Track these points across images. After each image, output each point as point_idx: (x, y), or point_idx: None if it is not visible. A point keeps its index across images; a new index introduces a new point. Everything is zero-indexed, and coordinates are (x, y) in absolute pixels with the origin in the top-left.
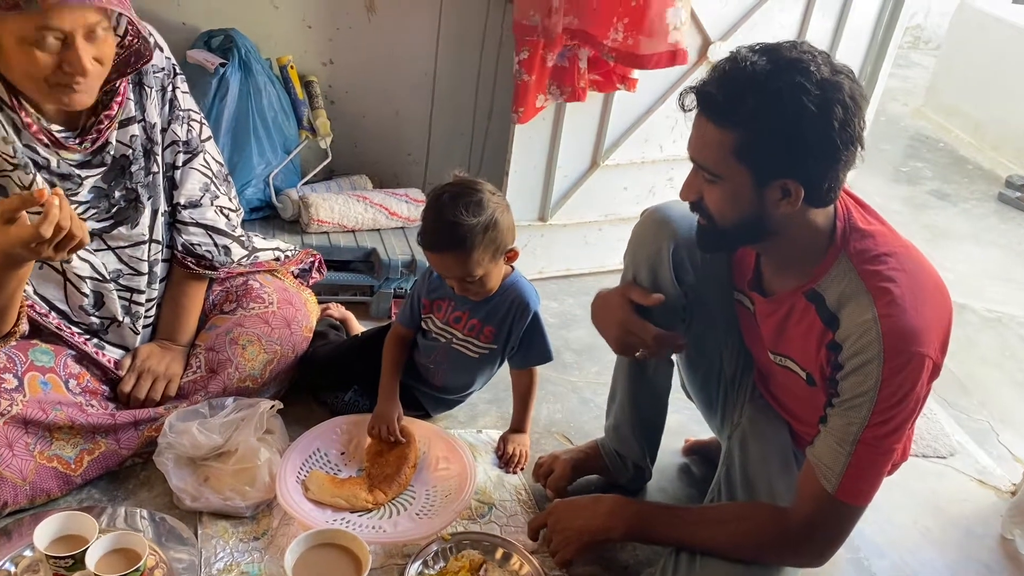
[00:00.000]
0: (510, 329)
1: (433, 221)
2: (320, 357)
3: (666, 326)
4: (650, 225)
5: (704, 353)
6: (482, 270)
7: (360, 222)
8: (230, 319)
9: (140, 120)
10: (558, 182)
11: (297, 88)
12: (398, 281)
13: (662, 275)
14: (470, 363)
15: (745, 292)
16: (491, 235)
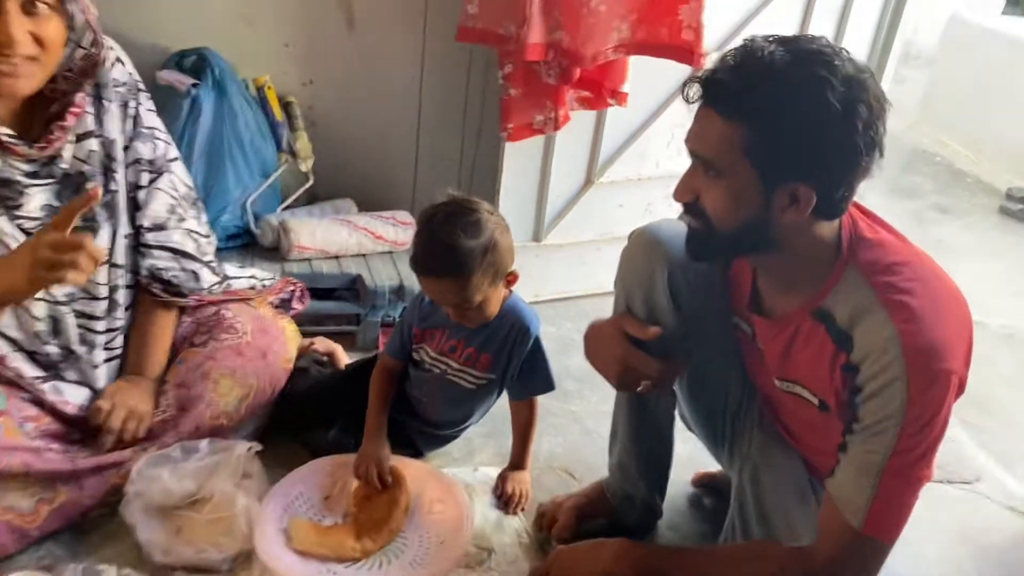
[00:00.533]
0: (509, 356)
1: (427, 244)
2: (301, 392)
3: (665, 356)
4: (640, 248)
5: (707, 384)
6: (481, 295)
7: (344, 247)
8: (201, 352)
9: (98, 135)
10: (552, 201)
11: (275, 109)
12: (386, 309)
13: (657, 302)
14: (466, 395)
15: (743, 316)
16: (490, 258)
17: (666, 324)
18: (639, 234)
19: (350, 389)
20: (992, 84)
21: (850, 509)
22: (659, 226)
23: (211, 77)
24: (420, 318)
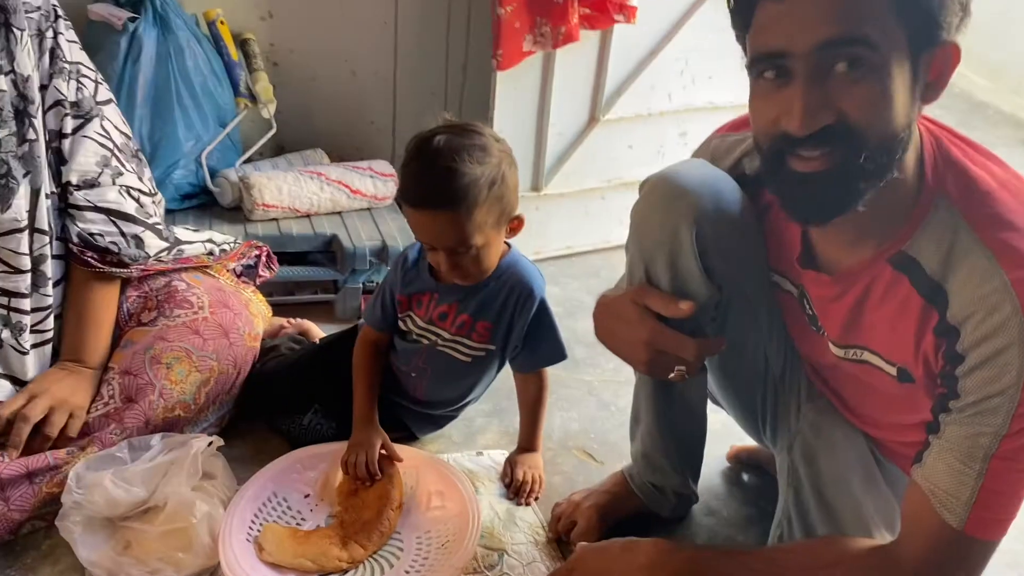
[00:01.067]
0: (511, 322)
1: (422, 170)
2: (271, 371)
3: (693, 331)
4: (659, 201)
5: (744, 355)
6: (482, 238)
7: (316, 204)
8: (150, 332)
9: (8, 72)
10: (552, 143)
11: (231, 48)
12: (367, 273)
13: (685, 266)
14: (462, 369)
15: (788, 273)
16: (497, 191)
17: (697, 294)
18: (656, 183)
19: (327, 365)
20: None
21: (948, 504)
22: (679, 171)
23: (152, 10)
24: (403, 282)
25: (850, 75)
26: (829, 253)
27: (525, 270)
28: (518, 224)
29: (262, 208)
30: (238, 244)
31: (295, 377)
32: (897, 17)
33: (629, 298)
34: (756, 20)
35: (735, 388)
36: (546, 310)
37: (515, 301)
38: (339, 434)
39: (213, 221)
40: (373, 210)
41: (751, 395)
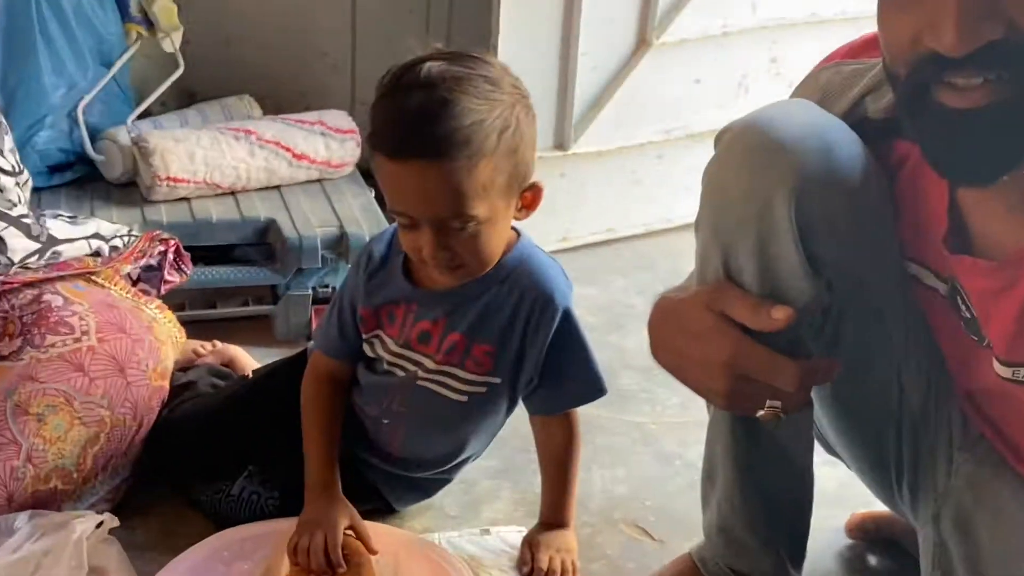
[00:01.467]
0: (522, 345)
1: (406, 103)
2: (185, 419)
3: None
4: (744, 162)
5: (868, 382)
6: (486, 208)
7: (244, 177)
8: (12, 370)
9: None
10: (583, 80)
11: None
12: (319, 275)
13: (780, 254)
14: (455, 412)
15: (930, 264)
16: (510, 141)
17: (797, 293)
18: (739, 135)
19: (264, 410)
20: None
21: None
22: (772, 117)
23: None
24: (368, 289)
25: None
26: (990, 230)
27: (541, 268)
28: (533, 197)
29: (167, 184)
30: (135, 238)
31: (219, 427)
32: None
33: (701, 302)
34: None
35: (856, 430)
36: (573, 325)
37: (528, 313)
38: (284, 508)
39: (95, 204)
40: (326, 183)
41: (879, 440)
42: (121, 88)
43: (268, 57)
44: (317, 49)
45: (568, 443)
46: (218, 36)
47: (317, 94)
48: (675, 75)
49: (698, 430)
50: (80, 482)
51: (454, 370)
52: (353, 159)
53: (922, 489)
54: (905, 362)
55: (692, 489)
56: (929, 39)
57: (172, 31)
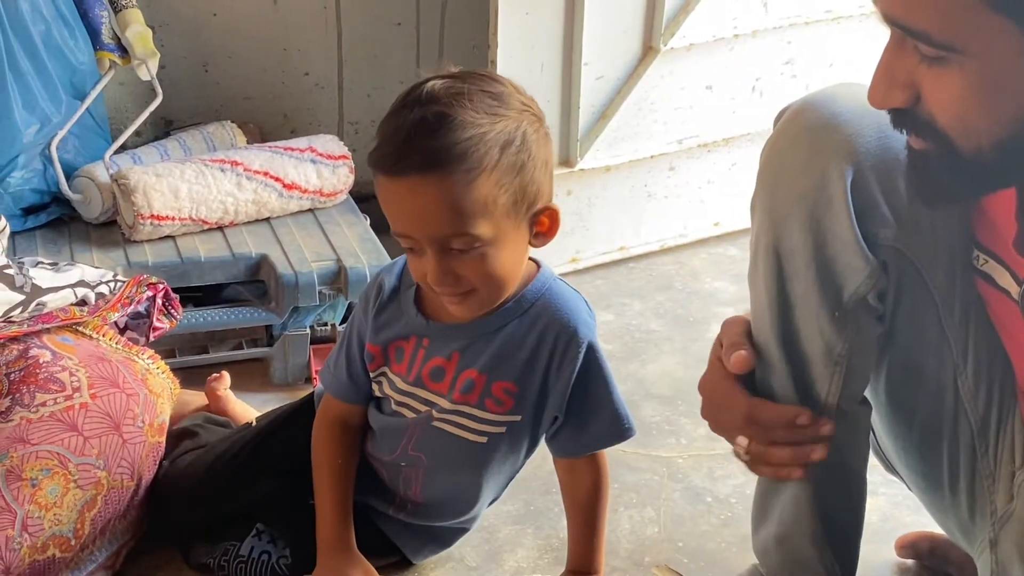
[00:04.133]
0: (544, 381)
1: (404, 120)
2: (185, 476)
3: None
4: (801, 136)
5: (922, 383)
6: (491, 227)
7: (232, 211)
8: (1, 433)
9: None
10: (587, 91)
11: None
12: (317, 312)
13: (836, 230)
14: (471, 454)
15: (1002, 258)
16: (514, 156)
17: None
18: (798, 111)
19: (270, 462)
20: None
21: None
22: (833, 95)
23: None
24: (376, 325)
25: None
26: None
27: (564, 300)
28: (550, 221)
29: (150, 222)
30: (121, 283)
31: (223, 482)
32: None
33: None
34: None
35: (911, 438)
36: (598, 361)
37: (551, 348)
38: (296, 566)
39: (75, 247)
40: (319, 212)
41: (935, 452)
42: (96, 121)
43: (248, 79)
44: (299, 68)
45: (596, 486)
46: (195, 60)
47: (302, 116)
48: (685, 82)
49: (727, 463)
50: (78, 549)
51: (472, 410)
52: (346, 186)
53: (979, 510)
54: (963, 366)
55: (726, 527)
56: None
57: (148, 58)
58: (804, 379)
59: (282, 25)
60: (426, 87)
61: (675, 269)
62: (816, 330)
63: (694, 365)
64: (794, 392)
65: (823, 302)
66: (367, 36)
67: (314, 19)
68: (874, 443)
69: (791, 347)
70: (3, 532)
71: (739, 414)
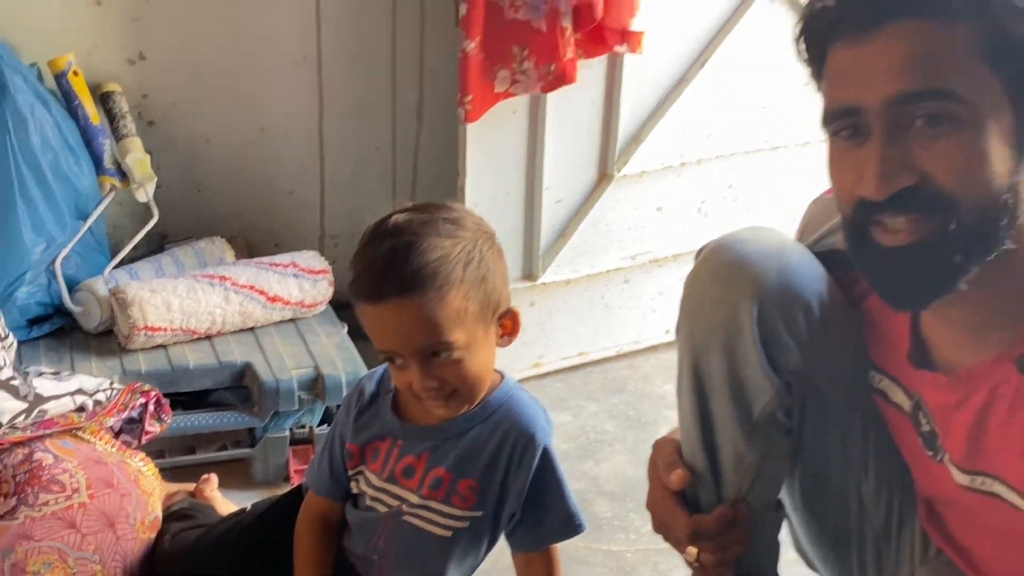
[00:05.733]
0: (504, 481)
1: (378, 250)
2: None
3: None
4: (714, 277)
5: (829, 489)
6: (464, 333)
7: (220, 322)
8: (9, 530)
9: None
10: (548, 212)
11: (88, 106)
12: (296, 416)
13: (745, 360)
14: (436, 547)
15: (896, 377)
16: (476, 270)
17: (759, 393)
18: (712, 250)
19: (254, 553)
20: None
21: None
22: (741, 237)
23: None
24: (356, 427)
25: (931, 132)
26: (945, 348)
27: (524, 408)
28: (512, 323)
29: (144, 333)
30: (116, 390)
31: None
32: (989, 63)
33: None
34: (828, 69)
35: (824, 540)
36: (551, 464)
37: (511, 451)
38: None
39: (75, 354)
40: (300, 322)
41: (844, 552)
42: (96, 239)
43: (237, 199)
44: (284, 188)
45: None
46: (189, 182)
47: (288, 234)
48: (637, 204)
49: (673, 556)
50: None
51: (439, 505)
52: (326, 298)
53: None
54: (865, 477)
55: None
56: (859, 189)
57: (146, 181)
58: (722, 486)
59: (269, 150)
60: (391, 221)
61: (629, 373)
62: (731, 441)
63: (643, 464)
64: (716, 499)
65: (736, 416)
66: (347, 160)
67: (298, 145)
68: (796, 543)
69: (712, 455)
70: None
71: (684, 529)
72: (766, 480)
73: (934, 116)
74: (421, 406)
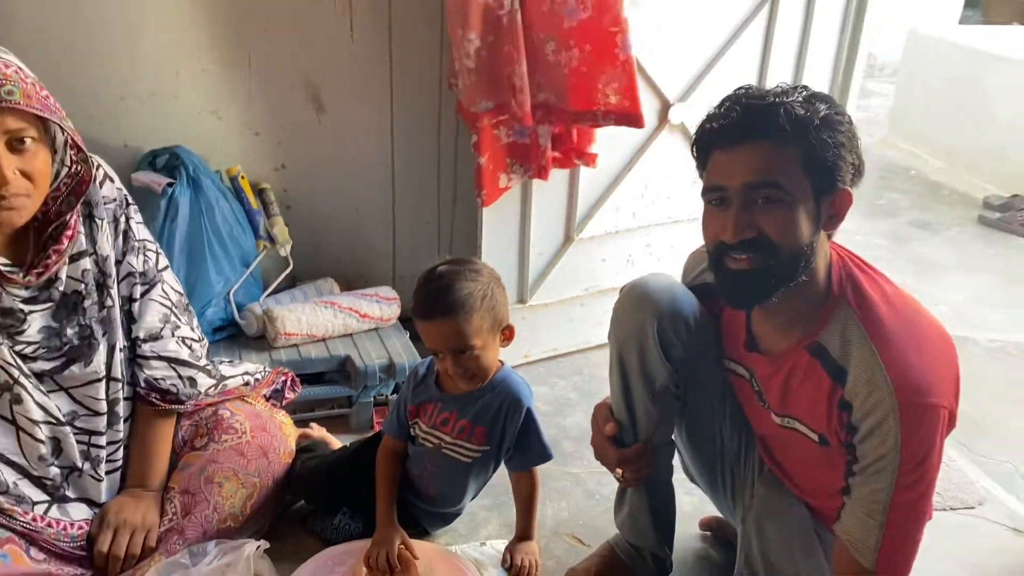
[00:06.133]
0: (503, 428)
1: (428, 288)
2: (307, 474)
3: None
4: (630, 303)
5: (703, 432)
6: (480, 341)
7: (330, 329)
8: (203, 456)
9: (91, 253)
10: (534, 261)
11: (250, 198)
12: (377, 388)
13: (649, 353)
14: (462, 468)
15: (740, 358)
16: (489, 302)
17: (659, 374)
18: (628, 289)
19: (352, 472)
20: (958, 94)
21: (861, 551)
22: (647, 281)
23: (185, 174)
24: (413, 394)
25: (767, 206)
26: (766, 339)
27: (515, 383)
28: (510, 333)
29: (284, 336)
30: (267, 372)
31: (325, 484)
32: (804, 170)
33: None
34: (709, 165)
35: (701, 464)
36: (532, 418)
37: (507, 409)
38: (365, 532)
39: (242, 350)
40: (380, 330)
41: (712, 471)
42: (254, 278)
43: (342, 254)
44: (371, 247)
45: (531, 489)
46: (312, 244)
47: (372, 275)
48: (590, 257)
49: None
50: (243, 522)
51: (463, 443)
52: (395, 316)
53: (737, 503)
54: (723, 422)
55: (607, 513)
56: (721, 235)
57: (285, 244)
58: (637, 431)
59: (361, 223)
60: (436, 269)
61: (584, 362)
62: (642, 404)
63: None
64: (633, 439)
65: (645, 389)
66: (409, 230)
67: (379, 220)
68: (683, 466)
69: (631, 413)
70: (203, 511)
71: (614, 458)
72: (664, 427)
73: (768, 197)
74: (452, 383)
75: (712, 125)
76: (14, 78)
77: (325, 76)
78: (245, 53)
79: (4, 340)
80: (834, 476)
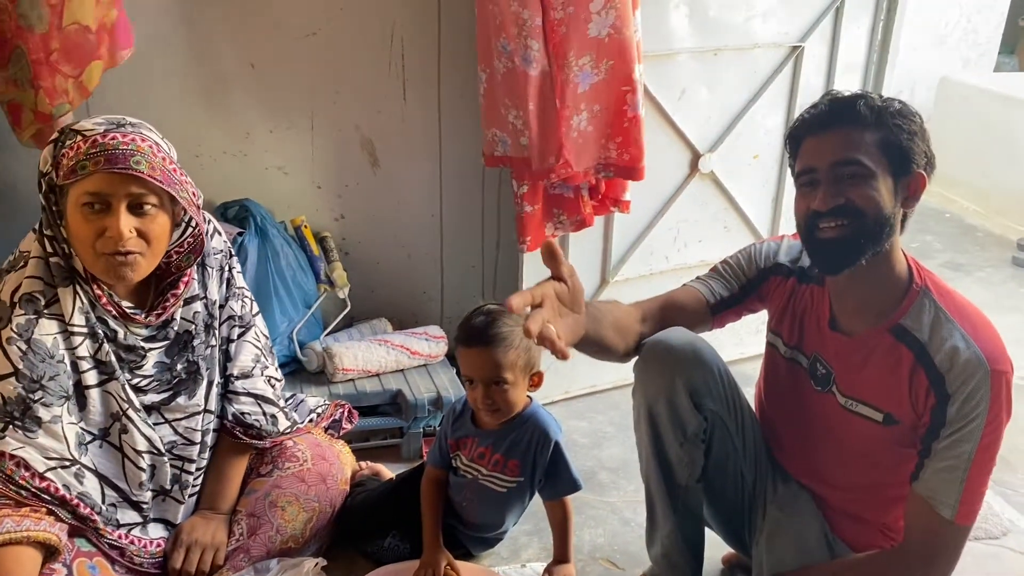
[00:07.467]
0: (534, 461)
1: (475, 320)
2: (357, 506)
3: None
4: (654, 359)
5: (727, 473)
6: (512, 376)
7: (383, 365)
8: (267, 481)
9: (203, 298)
10: None
11: (312, 245)
12: (426, 419)
13: (680, 403)
14: (499, 498)
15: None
16: (526, 343)
17: (689, 423)
18: (651, 346)
19: (400, 499)
20: (991, 139)
21: (944, 502)
22: (668, 336)
23: (253, 224)
24: (452, 429)
25: (851, 181)
26: (846, 319)
27: (543, 419)
28: (539, 379)
29: (342, 372)
30: (326, 405)
31: (376, 509)
32: (881, 152)
33: None
34: (800, 151)
35: (722, 504)
36: (560, 451)
37: (536, 443)
38: (413, 554)
39: (303, 384)
40: (429, 366)
41: (737, 509)
42: (315, 318)
43: (394, 297)
44: (421, 290)
45: (563, 516)
46: (367, 287)
47: (422, 316)
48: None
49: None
50: (303, 543)
51: (498, 475)
52: (443, 353)
53: (754, 528)
54: (744, 460)
55: (640, 539)
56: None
57: (344, 287)
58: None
59: (412, 268)
60: (480, 309)
61: (620, 398)
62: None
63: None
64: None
65: (675, 438)
66: (456, 274)
67: (428, 265)
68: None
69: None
70: (267, 533)
71: None
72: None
73: (852, 174)
74: (484, 419)
75: (804, 116)
76: (146, 151)
77: (380, 134)
78: (309, 115)
79: (124, 374)
80: (888, 456)
